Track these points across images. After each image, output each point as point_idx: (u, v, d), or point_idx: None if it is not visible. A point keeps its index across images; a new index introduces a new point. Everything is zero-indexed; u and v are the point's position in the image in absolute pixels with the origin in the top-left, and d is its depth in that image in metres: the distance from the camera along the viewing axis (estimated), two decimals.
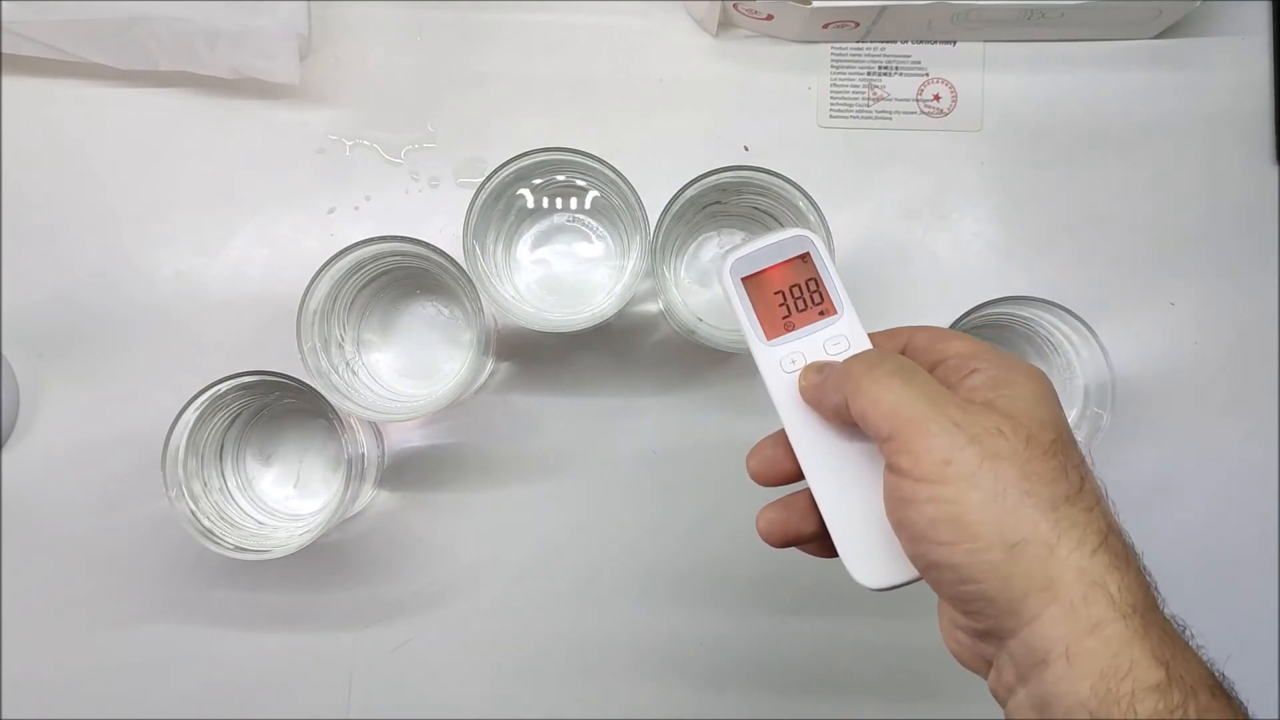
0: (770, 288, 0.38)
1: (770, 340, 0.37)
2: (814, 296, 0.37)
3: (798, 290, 0.38)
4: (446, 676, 0.54)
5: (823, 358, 0.37)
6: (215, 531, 0.48)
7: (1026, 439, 0.30)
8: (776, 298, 0.38)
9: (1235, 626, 0.54)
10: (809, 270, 0.37)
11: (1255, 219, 0.55)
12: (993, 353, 0.34)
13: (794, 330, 0.37)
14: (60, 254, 0.55)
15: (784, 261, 0.38)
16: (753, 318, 0.38)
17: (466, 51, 0.56)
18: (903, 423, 0.31)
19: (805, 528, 0.36)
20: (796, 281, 0.38)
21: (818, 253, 0.38)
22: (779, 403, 0.37)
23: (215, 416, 0.50)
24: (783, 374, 0.37)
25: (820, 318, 0.37)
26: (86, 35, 0.52)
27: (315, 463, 0.53)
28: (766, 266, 0.38)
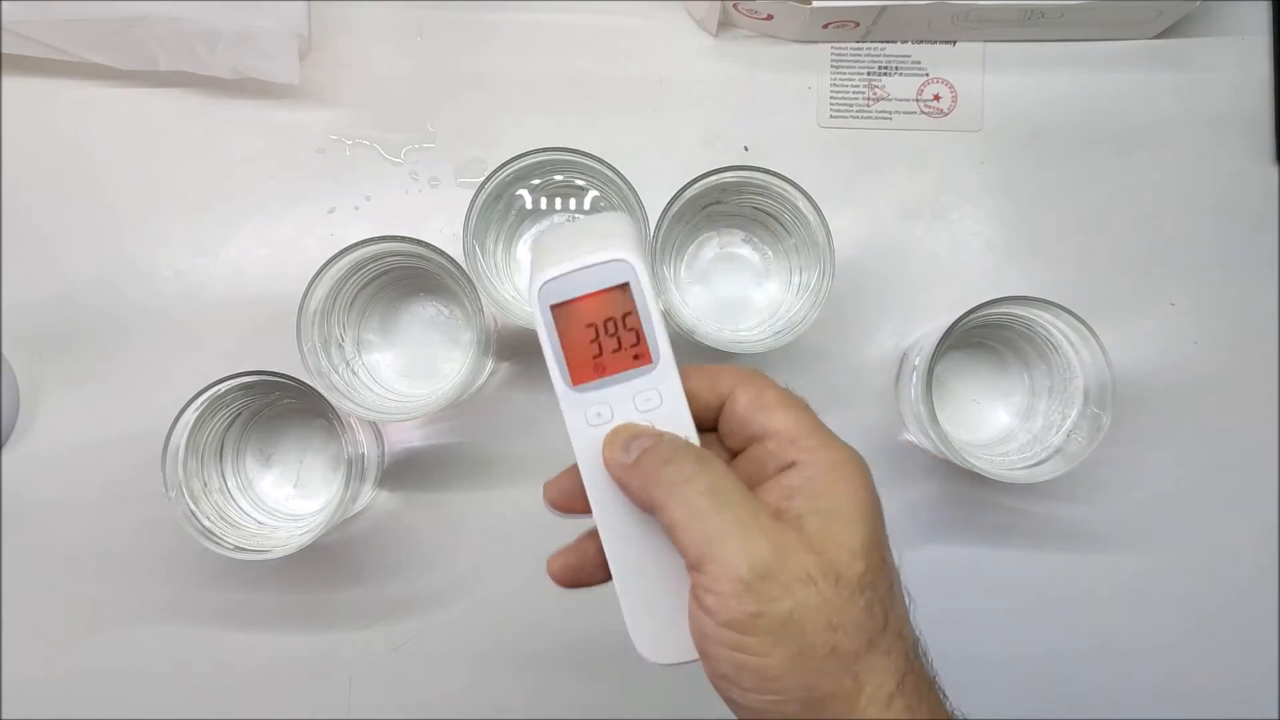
0: (582, 319, 0.32)
1: (576, 386, 0.33)
2: (629, 336, 0.32)
3: (612, 326, 0.32)
4: (446, 676, 0.54)
5: (633, 416, 0.33)
6: (215, 531, 0.48)
7: (836, 580, 0.29)
8: (588, 332, 0.32)
9: (1235, 626, 0.54)
10: (627, 305, 0.32)
11: (1255, 219, 0.55)
12: (814, 436, 0.32)
13: (604, 376, 0.33)
14: (60, 254, 0.55)
15: (600, 290, 0.32)
16: (559, 354, 0.33)
17: (466, 51, 0.56)
18: (712, 559, 0.29)
19: (598, 576, 0.36)
20: (612, 315, 0.32)
21: (638, 284, 0.32)
22: (580, 457, 0.33)
23: (215, 416, 0.50)
24: (588, 428, 0.33)
25: (634, 364, 0.32)
26: (86, 35, 0.52)
27: (315, 463, 0.53)
28: (580, 295, 0.32)
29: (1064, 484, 0.51)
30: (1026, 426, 0.52)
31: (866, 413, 0.55)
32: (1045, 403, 0.52)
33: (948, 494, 0.54)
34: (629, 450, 0.32)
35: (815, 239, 0.48)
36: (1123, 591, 0.54)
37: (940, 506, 0.54)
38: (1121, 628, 0.54)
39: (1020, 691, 0.54)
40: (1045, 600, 0.54)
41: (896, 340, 0.55)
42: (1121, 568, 0.54)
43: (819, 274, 0.49)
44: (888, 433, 0.55)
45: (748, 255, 0.53)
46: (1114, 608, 0.54)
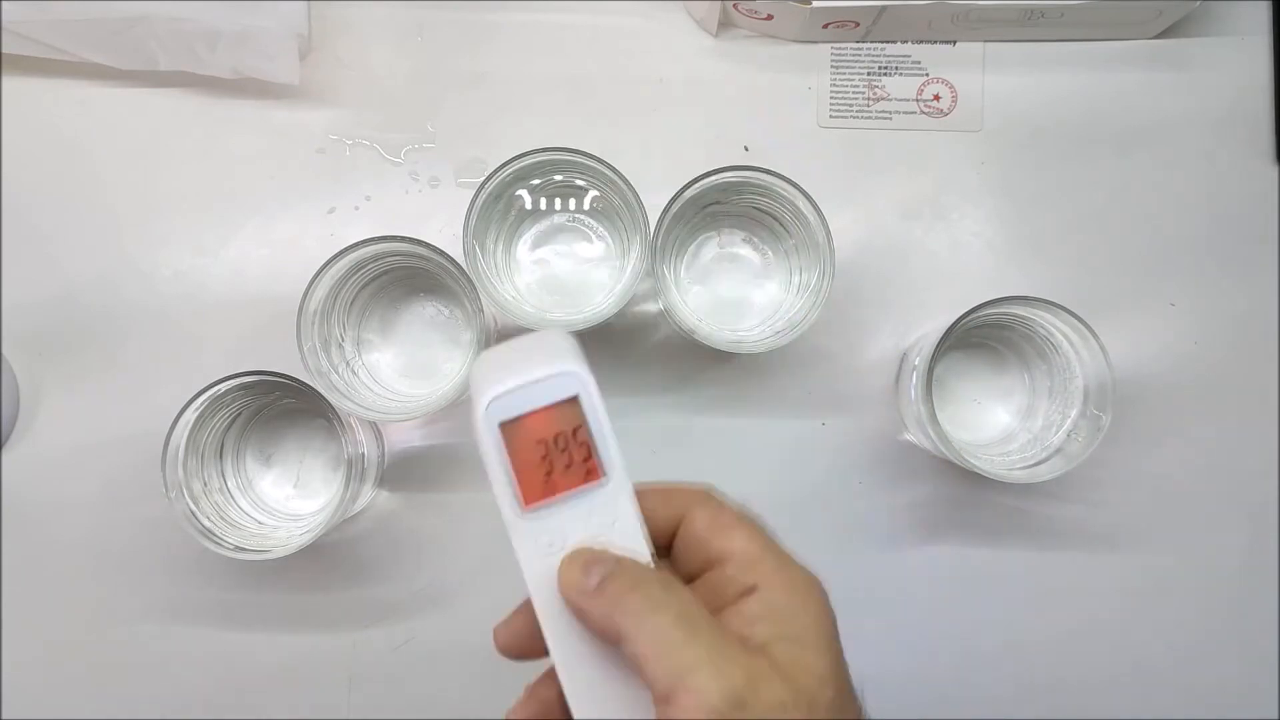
0: (532, 435, 0.31)
1: (527, 509, 0.31)
2: (580, 451, 0.31)
3: (562, 441, 0.31)
4: (446, 676, 0.54)
5: (587, 539, 0.31)
6: (215, 531, 0.48)
7: (809, 707, 0.29)
8: (538, 449, 0.31)
9: (1235, 626, 0.54)
10: (577, 418, 0.31)
11: (1255, 219, 0.55)
12: (772, 558, 0.31)
13: (556, 496, 0.31)
14: (60, 254, 0.55)
15: (550, 405, 0.31)
16: (510, 475, 0.31)
17: (466, 51, 0.56)
18: (684, 690, 0.28)
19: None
20: (562, 430, 0.31)
21: (588, 396, 0.31)
22: (534, 589, 0.32)
23: (215, 416, 0.50)
24: (541, 557, 0.32)
25: (586, 481, 0.31)
26: (86, 35, 0.52)
27: (315, 463, 0.53)
28: (529, 411, 0.31)
29: (1064, 484, 0.51)
30: (1026, 426, 0.52)
31: (866, 413, 0.55)
32: (1045, 403, 0.52)
33: (948, 494, 0.54)
34: (589, 574, 0.31)
35: (815, 239, 0.48)
36: (1123, 591, 0.54)
37: (940, 506, 0.54)
38: (1122, 628, 0.54)
39: (1020, 691, 0.54)
40: (1045, 600, 0.54)
41: (896, 340, 0.55)
42: (1121, 568, 0.54)
43: (819, 274, 0.49)
44: (888, 433, 0.55)
45: (748, 255, 0.53)
46: (1114, 607, 0.54)
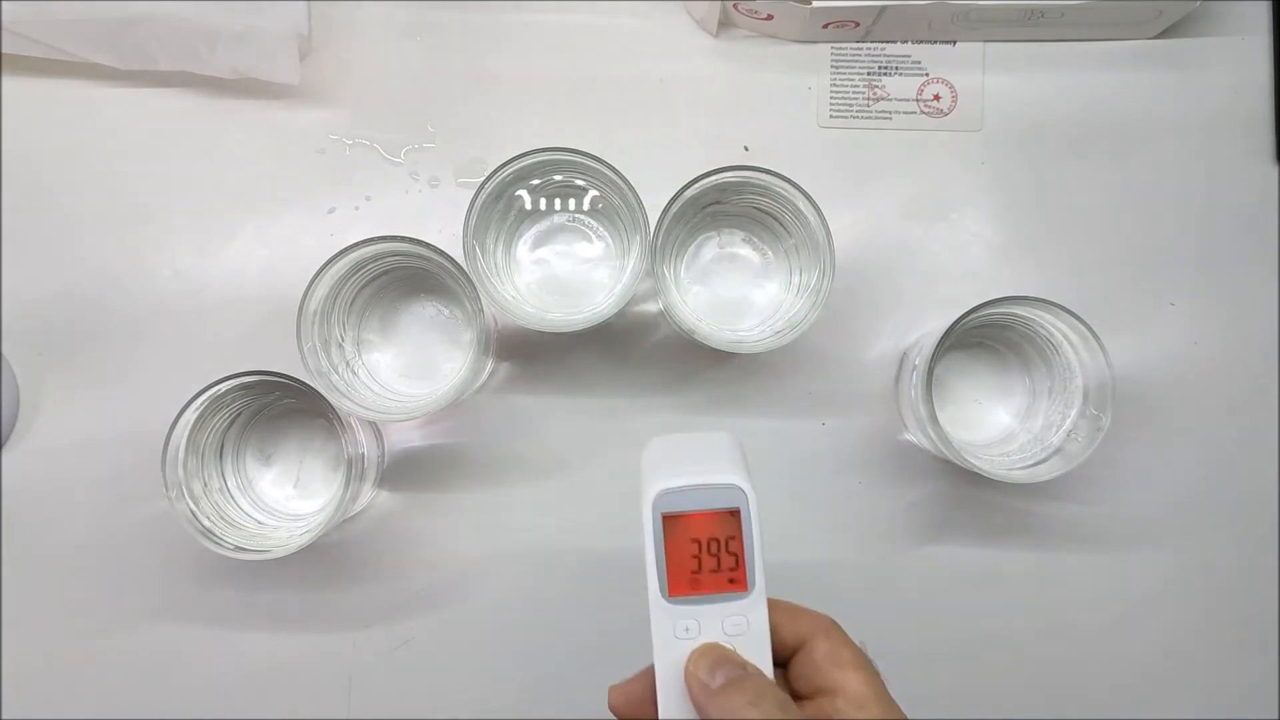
0: (689, 534, 0.34)
1: (672, 597, 0.34)
2: (729, 559, 0.34)
3: (715, 546, 0.34)
4: (446, 676, 0.54)
5: (719, 636, 0.34)
6: (215, 531, 0.48)
7: None
8: (691, 547, 0.34)
9: (1235, 626, 0.54)
10: (733, 529, 0.34)
11: (1255, 219, 0.55)
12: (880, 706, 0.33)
13: (699, 593, 0.34)
14: (60, 254, 0.55)
15: (712, 511, 0.34)
16: (662, 563, 0.34)
17: (466, 51, 0.56)
18: None
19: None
20: (717, 536, 0.34)
21: (748, 513, 0.34)
22: (660, 666, 0.34)
23: (215, 416, 0.50)
24: (675, 640, 0.34)
25: (729, 588, 0.34)
26: (86, 35, 0.52)
27: (315, 463, 0.53)
28: (692, 511, 0.34)
29: (1064, 484, 0.51)
30: (1026, 426, 0.52)
31: (866, 413, 0.55)
32: (1045, 403, 0.52)
33: (948, 494, 0.54)
34: (715, 674, 0.33)
35: (815, 239, 0.48)
36: (1123, 591, 0.54)
37: (940, 506, 0.54)
38: (1121, 627, 0.54)
39: (1020, 691, 0.54)
40: (1045, 600, 0.54)
41: (896, 340, 0.55)
42: (1122, 567, 0.54)
43: (819, 274, 0.49)
44: (888, 433, 0.55)
45: (748, 255, 0.53)
46: (1114, 607, 0.54)
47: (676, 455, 0.36)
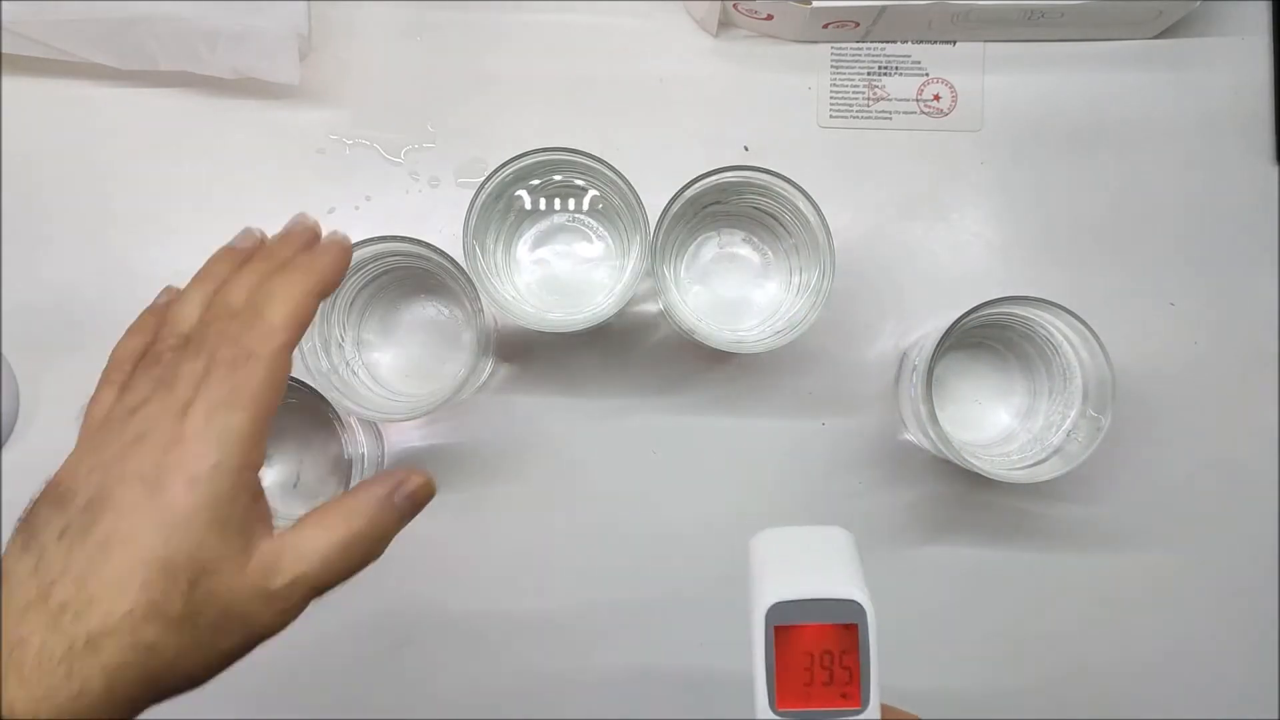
0: (801, 646, 0.33)
1: (780, 710, 0.33)
2: (844, 675, 0.33)
3: (828, 659, 0.33)
4: (446, 676, 0.54)
5: None
6: None
7: None
8: (804, 659, 0.33)
9: (1236, 626, 0.54)
10: (850, 644, 0.33)
11: (1255, 219, 0.55)
12: None
13: (809, 708, 0.33)
14: (60, 254, 0.55)
15: (828, 625, 0.33)
16: (771, 675, 0.33)
17: (466, 51, 0.56)
18: None
19: None
20: (830, 649, 0.33)
21: (865, 629, 0.33)
22: None
23: None
24: None
25: (841, 703, 0.33)
26: (86, 35, 0.52)
27: (315, 463, 0.53)
28: (807, 623, 0.33)
29: (1064, 484, 0.51)
30: (1027, 426, 0.52)
31: (866, 413, 0.55)
32: (1045, 403, 0.52)
33: (948, 494, 0.54)
34: None
35: (815, 239, 0.48)
36: (1123, 591, 0.54)
37: (940, 506, 0.54)
38: (1121, 627, 0.54)
39: (1020, 690, 0.54)
40: (1045, 600, 0.54)
41: (896, 340, 0.55)
42: (1122, 567, 0.54)
43: (819, 274, 0.49)
44: (888, 433, 0.55)
45: (748, 255, 0.53)
46: (1114, 607, 0.54)
47: (791, 558, 0.35)
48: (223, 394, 0.33)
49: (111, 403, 0.35)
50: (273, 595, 0.34)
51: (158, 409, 0.33)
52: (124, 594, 0.30)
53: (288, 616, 0.34)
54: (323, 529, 0.35)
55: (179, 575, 0.31)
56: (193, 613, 0.31)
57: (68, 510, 0.31)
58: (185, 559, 0.31)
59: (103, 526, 0.31)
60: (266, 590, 0.33)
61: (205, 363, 0.34)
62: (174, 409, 0.33)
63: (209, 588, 0.32)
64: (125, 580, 0.30)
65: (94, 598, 0.29)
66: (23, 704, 0.28)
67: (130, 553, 0.30)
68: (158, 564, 0.30)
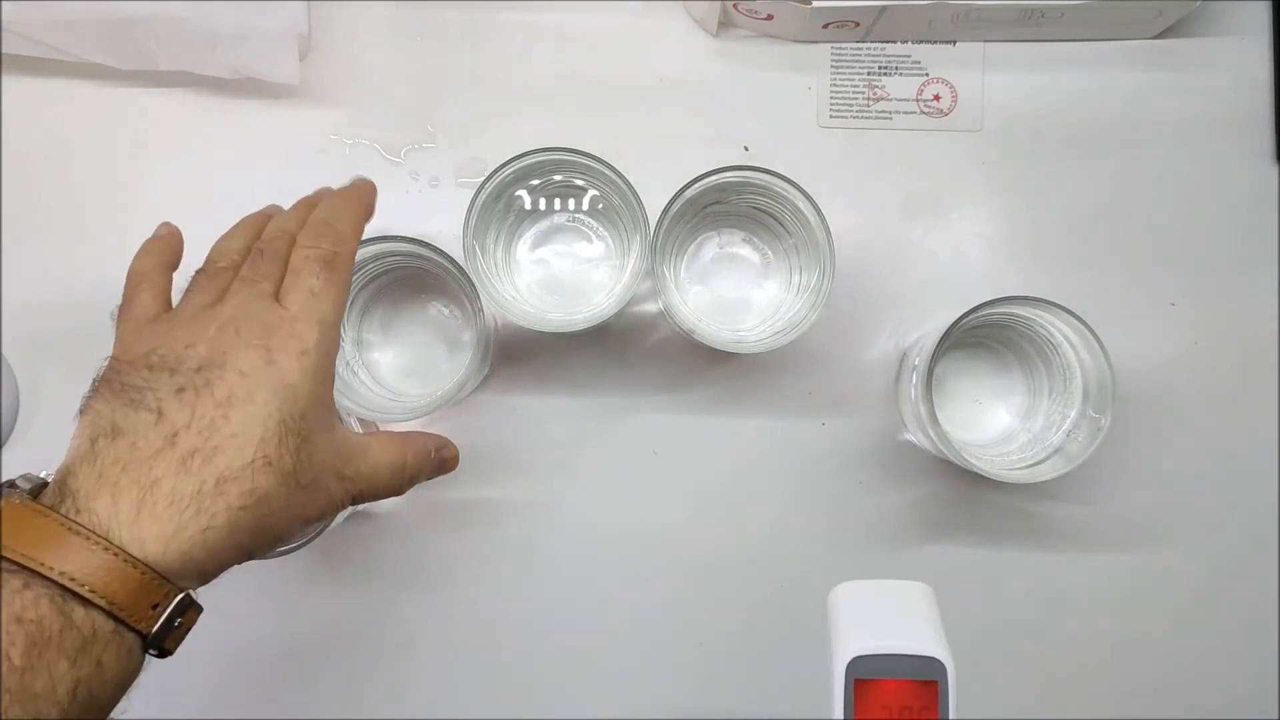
0: (880, 701, 0.33)
1: None
2: None
3: (907, 714, 0.33)
4: (446, 676, 0.54)
5: None
6: None
7: None
8: (883, 713, 0.33)
9: (1235, 626, 0.54)
10: (929, 700, 0.33)
11: (1255, 219, 0.55)
12: None
13: None
14: (60, 254, 0.55)
15: (909, 680, 0.33)
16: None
17: (466, 51, 0.56)
18: None
19: None
20: (909, 705, 0.33)
21: (945, 686, 0.33)
22: None
23: None
24: None
25: None
26: (86, 35, 0.52)
27: None
28: (888, 678, 0.33)
29: (1064, 484, 0.51)
30: (1027, 426, 0.52)
31: (866, 413, 0.55)
32: (1045, 403, 0.52)
33: (948, 494, 0.54)
34: None
35: (815, 239, 0.48)
36: (1123, 591, 0.54)
37: (940, 506, 0.54)
38: (1121, 627, 0.54)
39: (1020, 691, 0.54)
40: (1045, 600, 0.54)
41: (896, 340, 0.55)
42: (1121, 568, 0.54)
43: (819, 274, 0.49)
44: (888, 433, 0.55)
45: (748, 255, 0.53)
46: (1114, 608, 0.54)
47: (872, 612, 0.35)
48: (316, 284, 0.37)
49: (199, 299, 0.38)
50: (346, 479, 0.37)
51: (247, 299, 0.37)
52: (246, 446, 0.33)
53: (338, 506, 0.37)
54: (387, 448, 0.40)
55: (290, 435, 0.34)
56: (297, 470, 0.35)
57: (179, 374, 0.34)
58: (296, 421, 0.35)
59: (223, 386, 0.34)
60: (340, 471, 0.37)
61: (280, 266, 0.38)
62: (265, 298, 0.37)
63: (309, 452, 0.35)
64: (247, 433, 0.33)
65: (219, 447, 0.33)
66: (153, 540, 0.31)
67: (251, 410, 0.34)
68: (275, 422, 0.34)
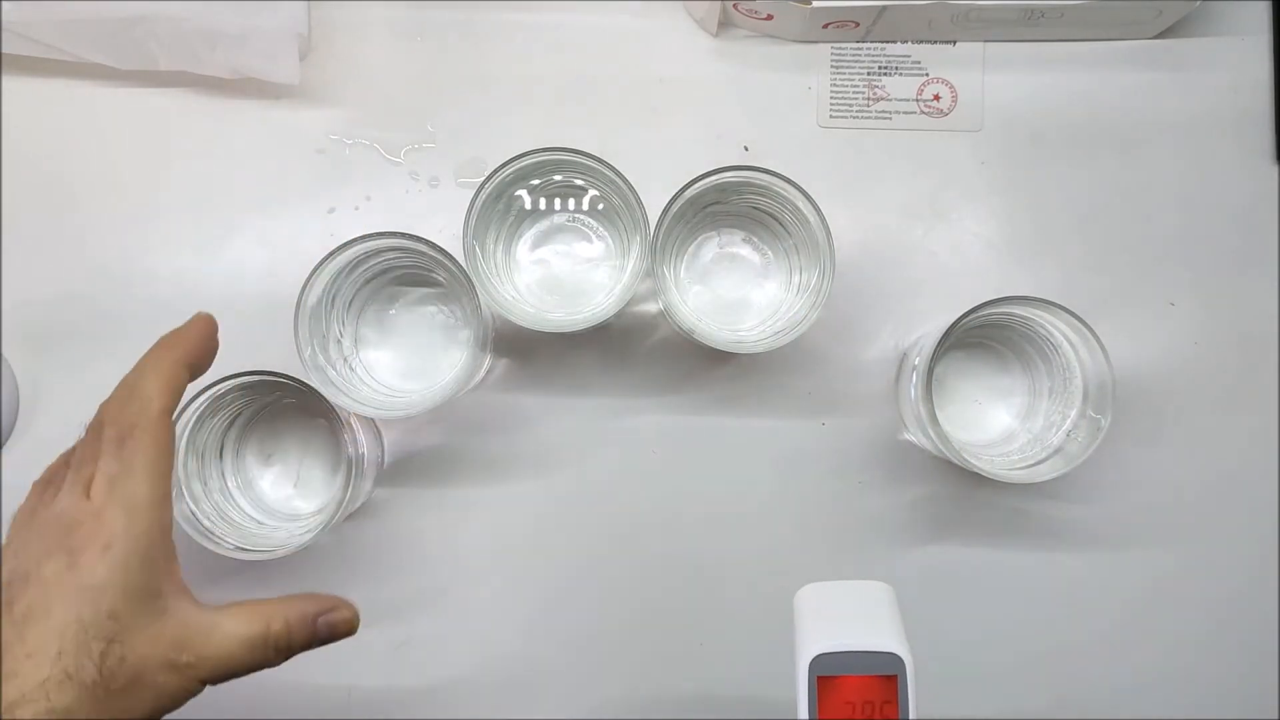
0: (843, 698, 0.34)
1: None
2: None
3: (870, 709, 0.34)
4: (446, 676, 0.54)
5: None
6: (215, 532, 0.48)
7: None
8: (845, 709, 0.34)
9: (1235, 626, 0.54)
10: (890, 694, 0.34)
11: (1255, 219, 0.55)
12: None
13: None
14: (60, 254, 0.55)
15: (870, 676, 0.34)
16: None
17: (466, 51, 0.56)
18: None
19: None
20: (871, 700, 0.34)
21: (904, 681, 0.34)
22: None
23: (215, 416, 0.50)
24: None
25: None
26: (86, 35, 0.52)
27: (315, 463, 0.53)
28: (849, 674, 0.34)
29: (1064, 484, 0.51)
30: (1027, 426, 0.52)
31: (866, 413, 0.55)
32: (1045, 403, 0.52)
33: (948, 494, 0.54)
34: None
35: (815, 239, 0.48)
36: (1123, 591, 0.54)
37: (940, 506, 0.54)
38: (1121, 628, 0.54)
39: (1020, 691, 0.54)
40: (1045, 600, 0.54)
41: (896, 340, 0.55)
42: (1121, 568, 0.54)
43: (819, 274, 0.49)
44: (888, 433, 0.55)
45: (748, 255, 0.53)
46: (1114, 608, 0.54)
47: (834, 611, 0.36)
48: (117, 466, 0.35)
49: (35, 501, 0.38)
50: (181, 668, 0.35)
51: (66, 492, 0.36)
52: (42, 664, 0.31)
53: (183, 696, 0.36)
54: (242, 621, 0.36)
55: (92, 642, 0.32)
56: (106, 679, 0.33)
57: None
58: (98, 626, 0.33)
59: (22, 602, 0.33)
60: (175, 663, 0.35)
61: (97, 445, 0.36)
62: (79, 490, 0.35)
63: (120, 654, 0.33)
64: (43, 650, 0.32)
65: (14, 671, 0.31)
66: None
67: (47, 625, 0.32)
68: (74, 632, 0.32)
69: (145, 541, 0.34)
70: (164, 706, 0.35)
